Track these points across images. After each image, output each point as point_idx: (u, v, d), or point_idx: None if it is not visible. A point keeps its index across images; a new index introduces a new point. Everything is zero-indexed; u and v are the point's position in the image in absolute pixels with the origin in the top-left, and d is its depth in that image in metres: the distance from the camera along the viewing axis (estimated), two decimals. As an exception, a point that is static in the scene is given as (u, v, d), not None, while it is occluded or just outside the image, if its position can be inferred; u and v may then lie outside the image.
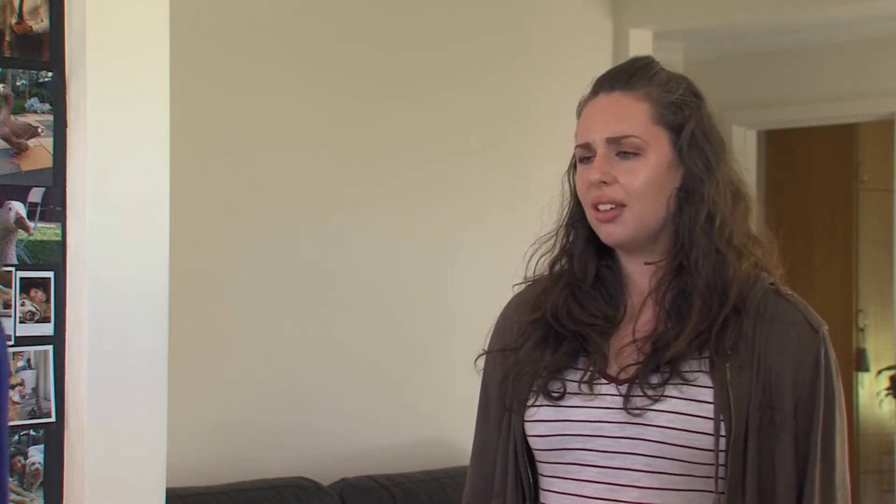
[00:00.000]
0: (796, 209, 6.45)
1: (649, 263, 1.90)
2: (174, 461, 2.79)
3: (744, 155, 5.97)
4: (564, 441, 1.87)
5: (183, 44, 2.92)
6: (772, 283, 1.90)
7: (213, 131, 3.97)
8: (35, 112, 2.53)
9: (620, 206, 1.87)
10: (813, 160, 6.60)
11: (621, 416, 1.84)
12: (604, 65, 5.29)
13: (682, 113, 1.90)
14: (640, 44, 5.07)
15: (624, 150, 1.87)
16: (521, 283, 2.02)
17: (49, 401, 2.53)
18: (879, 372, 6.29)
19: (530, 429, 1.90)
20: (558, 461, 1.88)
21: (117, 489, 2.54)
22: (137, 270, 2.58)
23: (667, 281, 1.89)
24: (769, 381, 1.83)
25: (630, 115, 1.89)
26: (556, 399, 1.88)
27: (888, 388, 6.21)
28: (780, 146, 6.55)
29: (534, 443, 1.91)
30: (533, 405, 1.90)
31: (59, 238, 2.54)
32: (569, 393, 1.88)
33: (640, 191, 1.86)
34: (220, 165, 4.00)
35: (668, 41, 5.58)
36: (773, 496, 1.82)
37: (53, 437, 2.53)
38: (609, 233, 1.89)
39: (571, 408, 1.87)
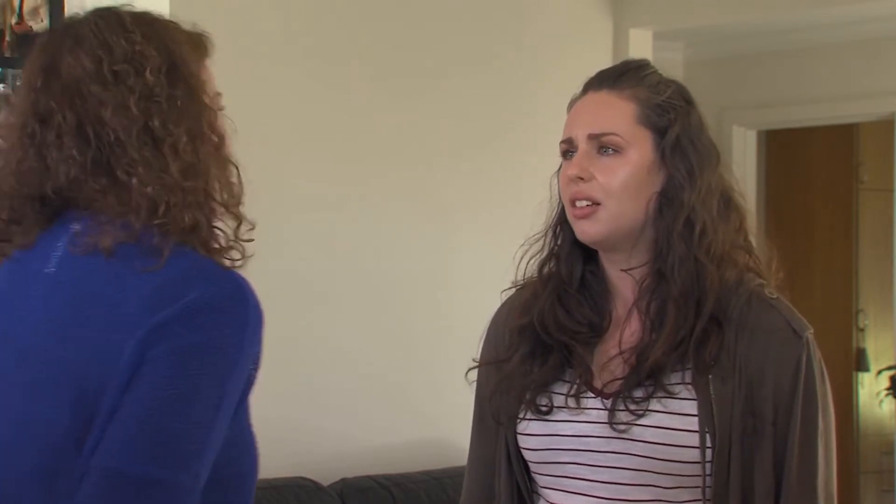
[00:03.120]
0: (796, 209, 6.45)
1: (625, 270, 1.89)
2: (174, 461, 2.78)
3: (744, 155, 5.97)
4: (555, 455, 1.87)
5: (183, 44, 2.92)
6: (758, 285, 1.88)
7: (213, 131, 3.97)
8: (35, 112, 2.53)
9: (595, 203, 1.85)
10: (813, 160, 6.59)
11: (607, 430, 1.83)
12: (604, 65, 5.26)
13: (668, 116, 1.88)
14: (640, 44, 5.07)
15: (605, 147, 1.86)
16: (510, 289, 2.02)
17: (49, 401, 2.53)
18: (879, 372, 6.29)
19: (522, 442, 1.90)
20: (550, 473, 1.89)
21: (117, 489, 2.54)
22: (137, 270, 2.58)
23: (649, 289, 1.87)
24: (750, 389, 1.81)
25: (614, 113, 1.88)
26: (543, 414, 1.88)
27: (888, 388, 6.21)
28: (780, 146, 6.55)
29: (526, 455, 1.91)
30: (523, 419, 1.90)
31: (58, 238, 2.54)
32: (556, 407, 1.87)
33: (617, 189, 1.85)
34: (220, 165, 4.00)
35: (668, 41, 5.59)
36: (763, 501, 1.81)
37: (53, 437, 2.53)
38: (583, 230, 1.87)
39: (559, 422, 1.87)
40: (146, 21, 1.55)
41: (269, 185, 4.09)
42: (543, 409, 1.88)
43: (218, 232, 1.53)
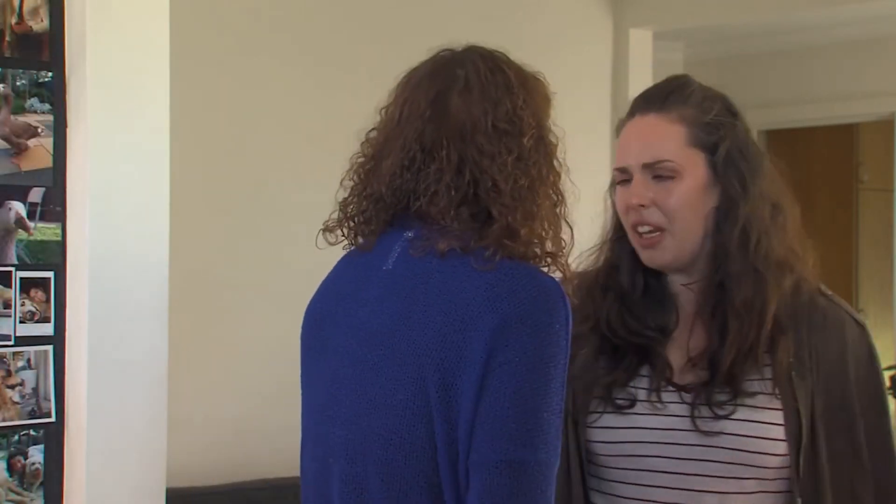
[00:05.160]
0: (796, 209, 6.44)
1: (685, 285, 1.94)
2: (174, 461, 2.79)
3: (744, 155, 5.96)
4: (635, 448, 1.89)
5: (183, 43, 2.92)
6: (816, 288, 1.95)
7: (213, 131, 3.97)
8: (35, 112, 2.53)
9: (660, 230, 1.89)
10: (813, 160, 6.60)
11: (691, 426, 1.87)
12: (604, 64, 5.30)
13: (718, 133, 1.92)
14: (640, 44, 5.07)
15: (659, 174, 1.90)
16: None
17: (49, 401, 2.53)
18: (879, 372, 6.29)
19: (595, 436, 1.92)
20: (626, 467, 1.90)
21: (117, 489, 2.54)
22: (137, 270, 2.58)
23: (711, 300, 1.91)
24: (831, 383, 1.88)
25: (664, 139, 1.91)
26: (623, 408, 1.91)
27: (888, 388, 6.20)
28: (780, 146, 6.54)
29: (599, 449, 1.92)
30: (597, 413, 1.92)
31: (59, 238, 2.54)
32: (638, 401, 1.91)
33: (676, 212, 1.89)
34: (221, 165, 4.00)
35: (668, 41, 5.59)
36: (853, 492, 1.87)
37: (53, 437, 2.53)
38: (651, 258, 1.92)
39: (641, 415, 1.90)
40: (525, 83, 1.76)
41: (274, 186, 4.08)
42: (622, 402, 1.91)
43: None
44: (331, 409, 1.72)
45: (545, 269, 1.68)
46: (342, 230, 1.84)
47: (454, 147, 1.68)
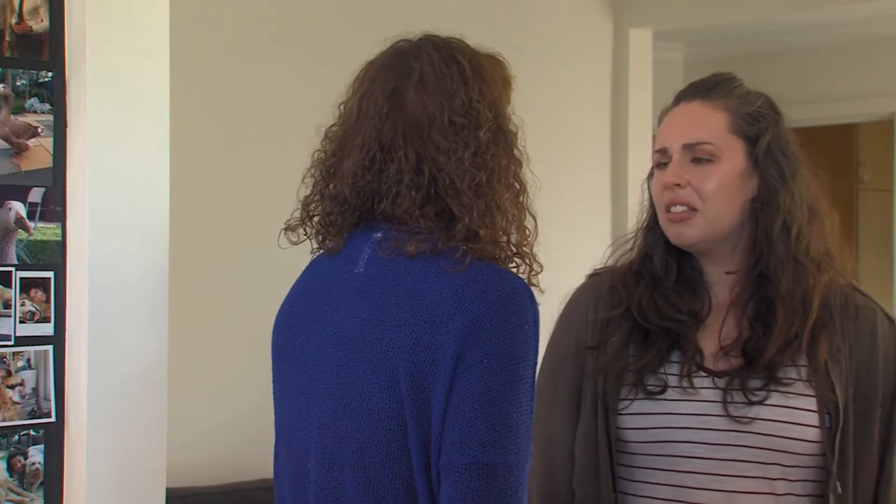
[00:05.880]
0: (796, 209, 6.43)
1: (730, 273, 1.97)
2: (174, 461, 2.79)
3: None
4: (667, 434, 1.91)
5: (183, 43, 2.92)
6: (849, 283, 2.00)
7: (213, 130, 3.97)
8: (35, 112, 2.52)
9: (692, 209, 1.93)
10: (813, 160, 6.59)
11: (724, 410, 1.89)
12: (604, 64, 5.30)
13: (759, 125, 1.99)
14: (640, 44, 5.07)
15: (698, 156, 1.94)
16: (593, 275, 2.08)
17: (49, 401, 2.53)
18: (879, 371, 6.28)
19: (627, 422, 1.94)
20: (658, 453, 1.92)
21: (117, 489, 2.54)
22: (137, 270, 2.58)
23: (748, 290, 1.95)
24: (860, 372, 1.92)
25: (707, 122, 1.96)
26: (655, 393, 1.93)
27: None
28: (780, 146, 6.54)
29: (629, 435, 1.94)
30: (629, 399, 1.94)
31: (59, 238, 2.54)
32: (670, 387, 1.93)
33: (711, 195, 1.93)
34: (221, 164, 4.00)
35: (668, 41, 5.59)
36: (864, 475, 1.91)
37: (53, 437, 2.53)
38: (679, 233, 1.95)
39: (673, 401, 1.92)
40: (481, 72, 1.74)
41: (275, 186, 4.08)
42: (654, 388, 1.93)
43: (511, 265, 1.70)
44: (306, 413, 1.71)
45: (514, 269, 1.67)
46: (304, 229, 1.84)
47: (412, 146, 1.68)
